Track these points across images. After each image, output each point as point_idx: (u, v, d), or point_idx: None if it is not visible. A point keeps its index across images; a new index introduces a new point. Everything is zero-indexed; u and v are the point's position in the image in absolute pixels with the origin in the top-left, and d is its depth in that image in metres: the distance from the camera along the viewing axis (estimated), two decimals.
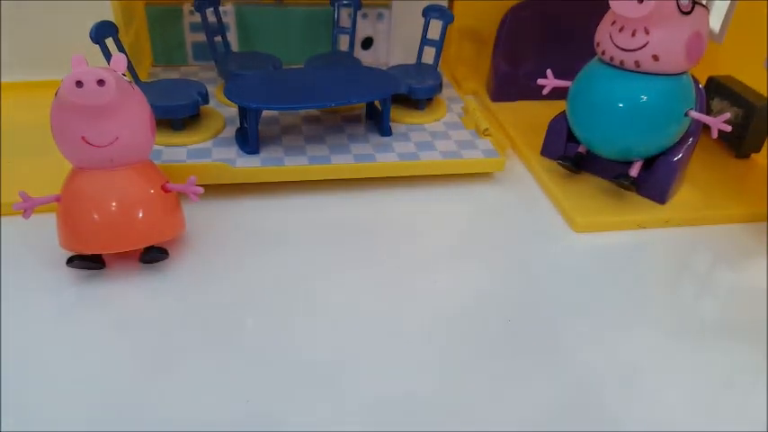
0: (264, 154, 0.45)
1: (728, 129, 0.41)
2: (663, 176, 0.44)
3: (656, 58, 0.40)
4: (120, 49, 0.45)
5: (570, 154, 0.47)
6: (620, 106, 0.42)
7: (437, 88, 0.52)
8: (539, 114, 0.52)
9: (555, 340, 0.34)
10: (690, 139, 0.44)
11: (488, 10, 0.61)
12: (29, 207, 0.35)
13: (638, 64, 0.41)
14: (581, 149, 0.47)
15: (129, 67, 0.45)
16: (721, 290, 0.40)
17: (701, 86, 0.45)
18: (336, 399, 0.30)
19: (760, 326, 0.36)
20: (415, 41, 0.55)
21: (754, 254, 0.42)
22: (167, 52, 0.59)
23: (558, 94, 0.47)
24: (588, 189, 0.46)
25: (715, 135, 0.41)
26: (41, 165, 0.43)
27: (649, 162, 0.45)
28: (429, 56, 0.55)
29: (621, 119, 0.42)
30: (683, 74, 0.42)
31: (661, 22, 0.39)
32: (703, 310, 0.38)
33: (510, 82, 0.58)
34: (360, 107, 0.53)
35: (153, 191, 0.36)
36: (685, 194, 0.46)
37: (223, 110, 0.50)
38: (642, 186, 0.45)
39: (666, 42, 0.40)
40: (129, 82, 0.35)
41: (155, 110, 0.37)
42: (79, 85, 0.31)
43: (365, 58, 0.62)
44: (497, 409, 0.30)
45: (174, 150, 0.44)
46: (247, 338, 0.33)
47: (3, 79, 0.55)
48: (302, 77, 0.48)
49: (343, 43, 0.59)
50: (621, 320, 0.36)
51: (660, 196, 0.45)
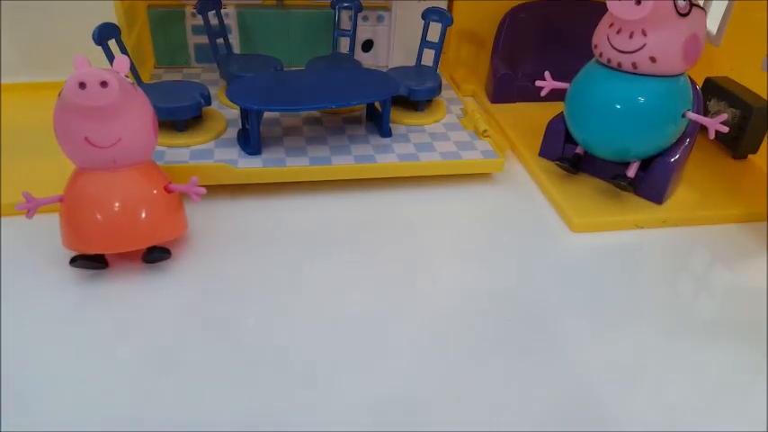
0: (266, 155, 0.45)
1: (726, 130, 0.41)
2: (660, 177, 0.44)
3: (653, 59, 0.41)
4: (123, 51, 0.46)
5: (568, 155, 0.48)
6: (618, 108, 0.42)
7: (436, 90, 0.52)
8: (537, 116, 0.53)
9: (553, 340, 0.34)
10: (687, 140, 0.44)
11: (487, 13, 0.61)
12: (32, 207, 0.35)
13: (635, 66, 0.41)
14: (579, 150, 0.47)
15: (132, 69, 0.46)
16: (718, 289, 0.40)
17: (698, 88, 0.45)
18: (336, 398, 0.30)
19: (758, 325, 0.36)
20: (415, 44, 0.56)
21: (751, 254, 0.43)
22: (169, 54, 0.59)
23: (557, 95, 0.48)
24: (586, 189, 0.47)
25: (712, 136, 0.42)
26: (42, 165, 0.43)
27: (647, 163, 0.45)
28: (429, 58, 0.55)
29: (619, 120, 0.42)
30: (680, 75, 0.42)
31: (658, 24, 0.40)
32: (701, 309, 0.38)
33: (508, 84, 0.58)
34: (360, 109, 0.53)
35: (155, 191, 0.36)
36: (682, 195, 0.47)
37: (225, 111, 0.51)
38: (639, 187, 0.46)
39: (664, 44, 0.40)
40: (132, 83, 0.35)
41: (157, 111, 0.37)
42: (82, 86, 0.32)
43: (365, 60, 0.62)
44: (497, 408, 0.30)
45: (177, 151, 0.45)
46: (249, 338, 0.33)
47: (4, 80, 0.55)
48: (303, 79, 0.49)
49: (344, 45, 0.60)
50: (619, 320, 0.36)
51: (657, 197, 0.45)
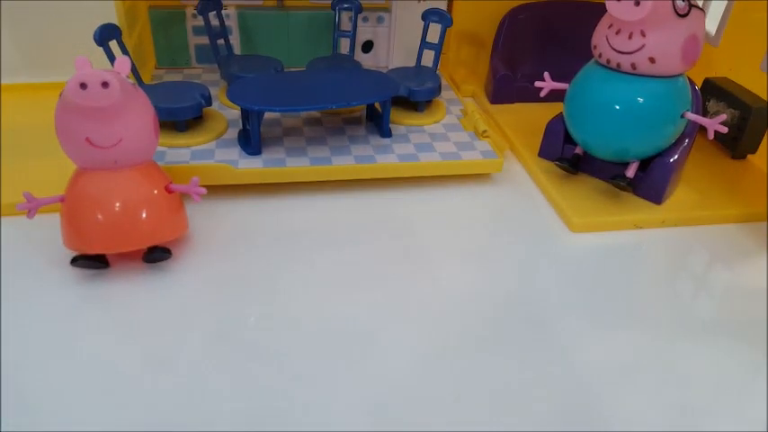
0: (266, 155, 0.46)
1: (725, 130, 0.41)
2: (659, 177, 0.45)
3: (652, 60, 0.41)
4: (124, 52, 0.46)
5: (567, 155, 0.48)
6: (617, 108, 0.42)
7: (436, 90, 0.52)
8: (536, 116, 0.53)
9: (553, 339, 0.35)
10: (686, 141, 0.44)
11: (487, 13, 0.62)
12: (33, 207, 0.35)
13: (634, 66, 0.41)
14: (578, 151, 0.47)
15: (133, 70, 0.46)
16: (718, 289, 0.40)
17: (697, 88, 0.45)
18: (336, 398, 0.30)
19: (757, 325, 0.36)
20: (415, 45, 0.56)
21: (750, 254, 0.43)
22: (170, 55, 0.59)
23: (556, 96, 0.48)
24: (585, 190, 0.47)
25: (711, 136, 0.42)
26: (42, 166, 0.43)
27: (646, 163, 0.45)
28: (428, 59, 0.55)
29: (618, 121, 0.43)
30: (679, 76, 0.42)
31: (657, 24, 0.40)
32: (700, 309, 0.38)
33: (508, 84, 0.58)
34: (360, 109, 0.53)
35: (156, 191, 0.36)
36: (681, 195, 0.47)
37: (226, 112, 0.51)
38: (638, 187, 0.46)
39: (663, 45, 0.40)
40: (133, 84, 0.35)
41: (158, 112, 0.37)
42: (83, 86, 0.32)
43: (365, 60, 0.63)
44: (497, 408, 0.31)
45: (178, 152, 0.45)
46: (248, 338, 0.34)
47: (4, 80, 0.56)
48: (304, 80, 0.49)
49: (344, 46, 0.60)
50: (619, 320, 0.36)
51: (656, 197, 0.45)
